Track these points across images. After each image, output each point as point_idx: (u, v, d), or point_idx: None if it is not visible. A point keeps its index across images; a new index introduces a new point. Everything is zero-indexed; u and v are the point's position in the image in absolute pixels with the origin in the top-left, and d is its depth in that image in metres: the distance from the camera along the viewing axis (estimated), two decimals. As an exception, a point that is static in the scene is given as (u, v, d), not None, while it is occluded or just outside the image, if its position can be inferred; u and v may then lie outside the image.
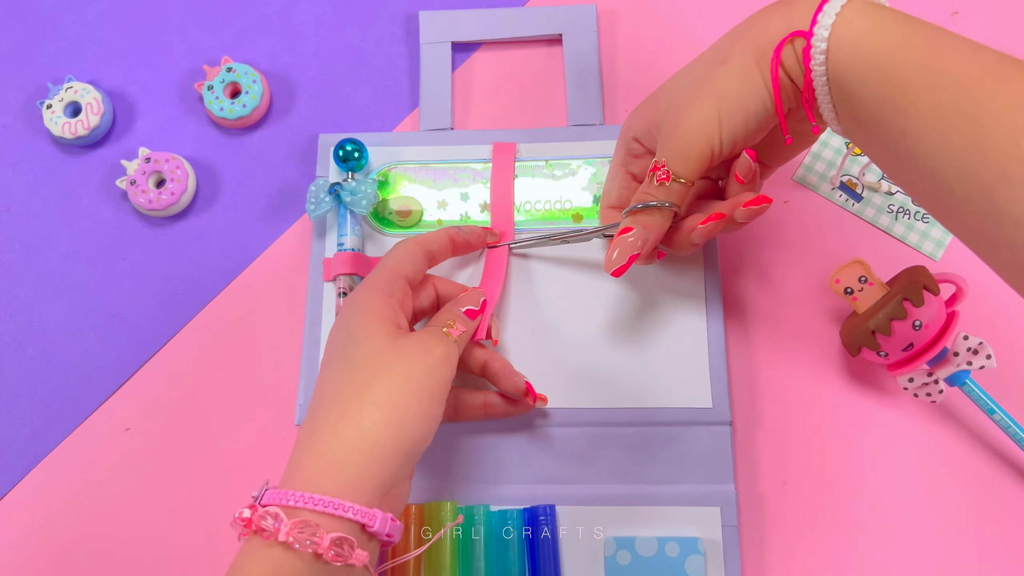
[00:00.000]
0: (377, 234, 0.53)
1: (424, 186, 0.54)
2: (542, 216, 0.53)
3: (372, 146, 0.55)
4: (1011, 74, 0.32)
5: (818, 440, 0.50)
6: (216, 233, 0.56)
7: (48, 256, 0.56)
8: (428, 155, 0.54)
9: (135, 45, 0.60)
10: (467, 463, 0.49)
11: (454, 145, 0.54)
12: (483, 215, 0.53)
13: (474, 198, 0.53)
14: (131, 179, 0.55)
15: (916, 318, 0.45)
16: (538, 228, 0.53)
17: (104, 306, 0.55)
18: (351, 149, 0.53)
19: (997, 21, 0.56)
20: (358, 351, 0.39)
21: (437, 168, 0.54)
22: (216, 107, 0.56)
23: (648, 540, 0.46)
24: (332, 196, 0.52)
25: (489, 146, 0.54)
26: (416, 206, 0.53)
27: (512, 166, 0.53)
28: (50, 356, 0.54)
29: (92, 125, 0.56)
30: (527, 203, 0.53)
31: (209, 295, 0.55)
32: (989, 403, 0.47)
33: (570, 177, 0.53)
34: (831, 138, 0.55)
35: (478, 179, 0.54)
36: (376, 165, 0.55)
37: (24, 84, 0.59)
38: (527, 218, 0.53)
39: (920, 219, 0.53)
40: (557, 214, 0.53)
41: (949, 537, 0.48)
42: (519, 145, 0.54)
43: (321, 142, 0.55)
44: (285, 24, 0.60)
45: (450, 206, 0.53)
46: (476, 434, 0.49)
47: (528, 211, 0.53)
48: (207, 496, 0.51)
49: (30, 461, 0.53)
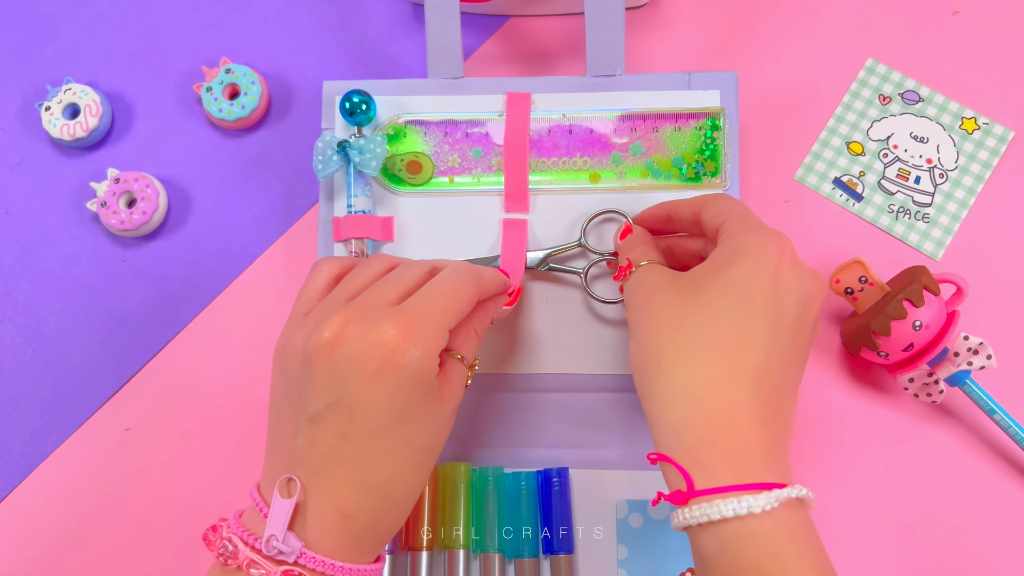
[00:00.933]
0: (387, 193, 0.51)
1: (435, 140, 0.52)
2: (558, 175, 0.51)
3: (378, 95, 0.52)
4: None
5: (818, 440, 0.50)
6: (216, 234, 0.56)
7: (47, 258, 0.56)
8: (438, 106, 0.52)
9: (134, 47, 0.60)
10: (482, 428, 0.50)
11: (465, 95, 0.52)
12: (495, 175, 0.51)
13: (487, 154, 0.51)
14: (102, 200, 0.54)
15: (916, 318, 0.45)
16: (554, 185, 0.51)
17: (103, 308, 0.55)
18: (358, 101, 0.50)
19: (997, 21, 0.55)
20: (419, 431, 0.36)
21: (448, 121, 0.52)
22: (215, 108, 0.56)
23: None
24: (340, 154, 0.49)
25: (502, 96, 0.52)
26: (427, 162, 0.51)
27: (527, 119, 0.51)
28: (49, 358, 0.54)
29: (91, 127, 0.56)
30: (542, 161, 0.51)
31: (209, 296, 0.55)
32: (990, 403, 0.47)
33: (588, 132, 0.51)
34: (831, 138, 0.55)
35: (492, 133, 0.51)
36: (383, 118, 0.52)
37: (22, 86, 0.59)
38: (542, 177, 0.51)
39: (920, 219, 0.53)
40: (574, 173, 0.51)
41: (949, 537, 0.48)
42: (534, 96, 0.51)
43: (325, 91, 0.53)
44: (285, 25, 0.60)
45: (462, 163, 0.51)
46: (492, 398, 0.50)
47: (543, 170, 0.51)
48: (207, 497, 0.51)
49: (30, 463, 0.53)
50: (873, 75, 0.55)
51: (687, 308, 0.36)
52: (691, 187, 0.50)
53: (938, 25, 0.55)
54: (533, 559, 0.47)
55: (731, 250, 0.37)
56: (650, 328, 0.37)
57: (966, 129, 0.54)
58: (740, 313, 0.35)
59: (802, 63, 0.56)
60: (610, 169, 0.51)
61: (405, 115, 0.52)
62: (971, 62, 0.55)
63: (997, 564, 0.48)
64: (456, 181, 0.51)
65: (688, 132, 0.51)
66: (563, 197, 0.51)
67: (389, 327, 0.34)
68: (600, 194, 0.51)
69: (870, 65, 0.56)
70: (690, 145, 0.51)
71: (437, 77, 0.52)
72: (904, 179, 0.54)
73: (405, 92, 0.52)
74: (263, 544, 0.33)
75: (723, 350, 0.35)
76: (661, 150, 0.51)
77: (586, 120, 0.51)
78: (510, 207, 0.51)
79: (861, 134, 0.55)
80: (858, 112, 0.55)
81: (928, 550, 0.48)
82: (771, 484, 0.33)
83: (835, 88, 0.55)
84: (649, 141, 0.51)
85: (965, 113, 0.54)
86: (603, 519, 0.48)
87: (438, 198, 0.51)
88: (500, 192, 0.51)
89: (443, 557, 0.47)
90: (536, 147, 0.51)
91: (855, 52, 0.56)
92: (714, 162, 0.50)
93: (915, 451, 0.49)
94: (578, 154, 0.51)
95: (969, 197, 0.53)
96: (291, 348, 0.37)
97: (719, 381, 0.34)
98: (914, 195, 0.53)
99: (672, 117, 0.51)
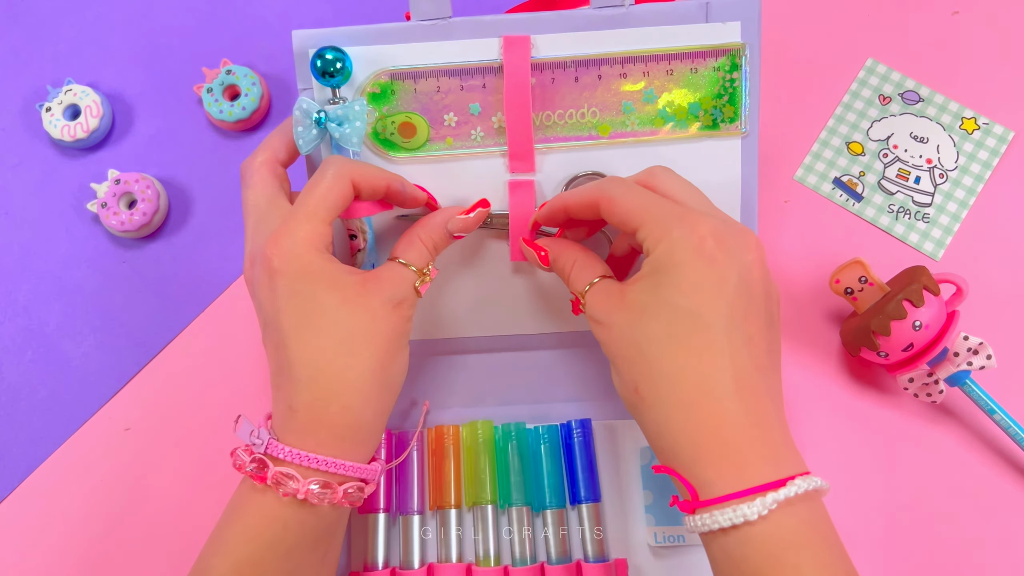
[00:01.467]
0: (382, 160, 0.47)
1: (427, 97, 0.46)
2: (566, 129, 0.46)
3: (355, 46, 0.45)
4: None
5: (818, 440, 0.50)
6: (216, 235, 0.56)
7: (47, 259, 0.56)
8: (425, 55, 0.45)
9: (134, 47, 0.60)
10: (502, 386, 0.50)
11: (455, 40, 0.45)
12: (498, 135, 0.46)
13: (486, 110, 0.46)
14: (102, 202, 0.55)
15: (916, 318, 0.45)
16: (563, 139, 0.46)
17: (104, 308, 0.55)
18: (332, 59, 0.43)
19: (997, 21, 0.55)
20: (334, 321, 0.38)
21: (438, 71, 0.46)
22: (215, 109, 0.56)
23: None
24: (319, 128, 0.43)
25: (498, 40, 0.46)
26: (420, 122, 0.46)
27: (527, 67, 0.45)
28: (50, 359, 0.54)
29: (91, 128, 0.56)
30: (547, 114, 0.46)
31: (209, 297, 0.55)
32: (989, 403, 0.47)
33: (596, 80, 0.46)
34: (831, 137, 0.55)
35: (490, 85, 0.46)
36: (363, 75, 0.46)
37: (23, 87, 0.59)
38: (548, 134, 0.46)
39: (920, 219, 0.53)
40: (583, 125, 0.46)
41: (950, 538, 0.48)
42: (534, 38, 0.45)
43: (296, 42, 0.46)
44: (285, 26, 0.60)
45: (460, 121, 0.46)
46: (513, 357, 0.50)
47: (549, 124, 0.46)
48: (207, 497, 0.51)
49: (30, 464, 0.53)
50: (873, 75, 0.55)
51: (643, 333, 0.36)
52: (709, 135, 0.46)
53: (938, 25, 0.55)
54: (560, 509, 0.47)
55: (657, 263, 0.36)
56: (617, 358, 0.37)
57: (966, 129, 0.54)
58: (691, 329, 0.34)
59: (801, 63, 0.56)
60: (621, 119, 0.46)
61: (390, 67, 0.46)
62: (971, 62, 0.55)
63: (997, 563, 0.47)
64: (454, 142, 0.46)
65: (705, 73, 0.46)
66: (572, 155, 0.46)
67: (266, 242, 0.38)
68: (612, 148, 0.46)
69: (870, 65, 0.56)
70: (707, 88, 0.46)
71: (421, 20, 0.45)
72: (904, 179, 0.54)
73: (386, 40, 0.46)
74: (250, 445, 0.38)
75: (689, 370, 0.34)
76: (675, 95, 0.46)
77: (593, 65, 0.46)
78: (515, 167, 0.47)
79: (861, 134, 0.55)
80: (858, 112, 0.55)
81: (928, 550, 0.48)
82: (772, 484, 0.33)
83: (835, 88, 0.55)
84: (662, 85, 0.46)
85: (965, 113, 0.54)
86: (627, 467, 0.48)
87: (436, 163, 0.47)
88: (504, 153, 0.47)
89: (473, 514, 0.48)
90: (540, 99, 0.46)
91: (855, 52, 0.56)
92: (733, 107, 0.46)
93: (915, 451, 0.49)
94: (586, 105, 0.46)
95: (969, 197, 0.53)
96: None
97: (695, 399, 0.34)
98: (914, 195, 0.53)
99: (688, 56, 0.46)
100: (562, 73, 0.46)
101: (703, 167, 0.47)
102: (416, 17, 0.45)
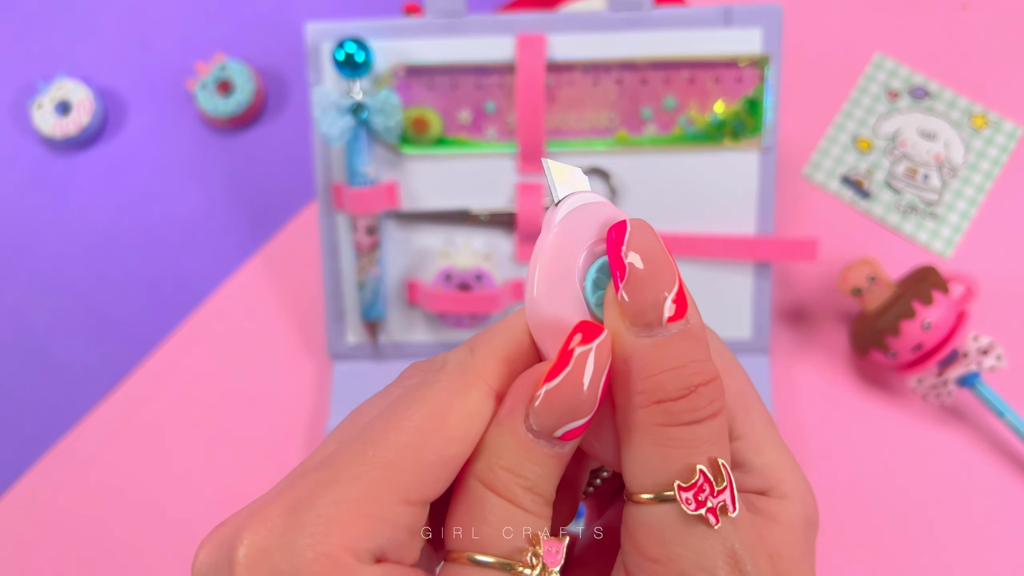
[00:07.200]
0: (392, 155, 0.46)
1: (442, 93, 0.46)
2: (581, 133, 0.45)
3: (368, 40, 0.45)
4: None
5: (826, 442, 0.49)
6: (208, 233, 0.55)
7: (38, 258, 0.55)
8: (439, 51, 0.45)
9: (127, 42, 0.59)
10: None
11: (470, 36, 0.45)
12: (511, 136, 0.46)
13: (502, 111, 0.45)
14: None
15: (925, 318, 0.45)
16: (577, 139, 0.46)
17: (96, 308, 0.54)
18: (355, 51, 0.43)
19: (1007, 15, 0.55)
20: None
21: (454, 68, 0.45)
22: (209, 104, 0.55)
23: None
24: (354, 117, 0.43)
25: (512, 38, 0.45)
26: (433, 118, 0.46)
27: (542, 67, 0.44)
28: (40, 360, 0.53)
29: (83, 124, 0.55)
30: (562, 116, 0.45)
31: (204, 294, 0.54)
32: (999, 405, 0.46)
33: (615, 84, 0.45)
34: (839, 134, 0.54)
35: (507, 84, 0.45)
36: (378, 68, 0.45)
37: (13, 82, 0.58)
38: (562, 137, 0.46)
39: (929, 217, 0.52)
40: (599, 130, 0.45)
41: (956, 540, 0.47)
42: (550, 38, 0.44)
43: (309, 35, 0.45)
44: (279, 20, 0.59)
45: (473, 120, 0.46)
46: None
47: (564, 127, 0.46)
48: (203, 497, 0.50)
49: (21, 467, 0.52)
50: (881, 70, 0.54)
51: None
52: (728, 147, 0.46)
53: (947, 19, 0.55)
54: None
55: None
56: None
57: (975, 125, 0.53)
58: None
59: (808, 57, 0.55)
60: (639, 127, 0.45)
61: (402, 64, 0.45)
62: (981, 57, 0.54)
63: (1006, 567, 0.47)
64: (467, 141, 0.46)
65: (727, 84, 0.45)
66: (586, 159, 0.45)
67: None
68: (628, 156, 0.45)
69: (878, 60, 0.55)
70: (729, 99, 0.45)
71: (436, 15, 0.45)
72: (912, 176, 0.53)
73: (399, 35, 0.45)
74: None
75: None
76: (697, 105, 0.45)
77: (614, 70, 0.45)
78: (526, 168, 0.46)
79: (869, 130, 0.54)
80: (866, 108, 0.54)
81: (937, 553, 0.47)
82: None
83: (842, 83, 0.55)
84: (684, 94, 0.45)
85: (974, 109, 0.53)
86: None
87: (447, 161, 0.46)
88: (515, 155, 0.46)
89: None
90: (557, 101, 0.45)
91: (862, 46, 0.55)
92: (754, 119, 0.45)
93: (924, 454, 0.49)
94: (604, 110, 0.45)
95: (979, 195, 0.52)
96: None
97: None
98: (923, 193, 0.52)
99: (710, 66, 0.45)
100: (581, 76, 0.45)
101: (721, 178, 0.47)
102: (431, 13, 0.45)
